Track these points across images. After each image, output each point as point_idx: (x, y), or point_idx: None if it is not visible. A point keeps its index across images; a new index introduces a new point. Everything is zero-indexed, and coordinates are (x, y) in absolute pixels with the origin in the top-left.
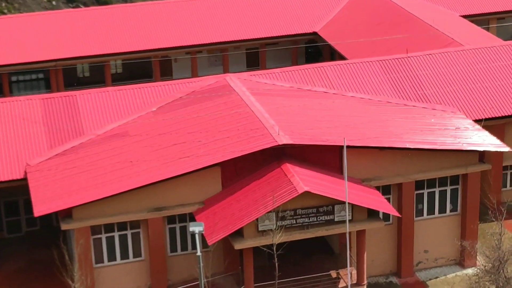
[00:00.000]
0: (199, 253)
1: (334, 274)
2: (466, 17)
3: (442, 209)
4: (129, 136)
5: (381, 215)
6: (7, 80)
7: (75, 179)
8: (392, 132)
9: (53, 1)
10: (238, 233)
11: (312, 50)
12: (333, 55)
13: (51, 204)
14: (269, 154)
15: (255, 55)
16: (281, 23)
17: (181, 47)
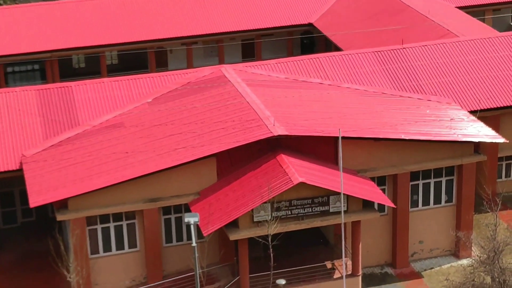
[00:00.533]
0: (194, 244)
1: (329, 264)
2: (462, 8)
3: (437, 200)
4: (124, 127)
5: (376, 206)
6: (3, 71)
7: (71, 170)
8: (387, 123)
9: None
10: (233, 224)
11: (307, 41)
12: (329, 46)
13: (46, 195)
14: (264, 145)
15: (250, 46)
16: (277, 14)
17: (177, 38)
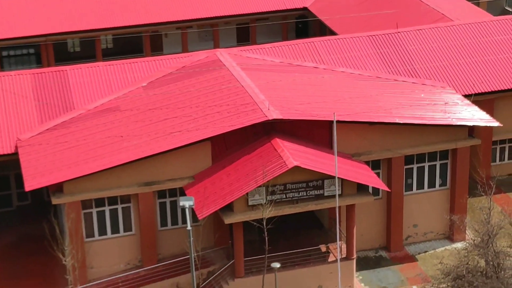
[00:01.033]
0: (189, 228)
1: (323, 248)
2: None
3: (432, 183)
4: (119, 111)
5: (370, 190)
6: None
7: (66, 154)
8: (382, 107)
9: None
10: (228, 208)
11: (302, 25)
12: (323, 30)
13: (42, 179)
14: (259, 129)
15: (245, 30)
16: None
17: (172, 22)
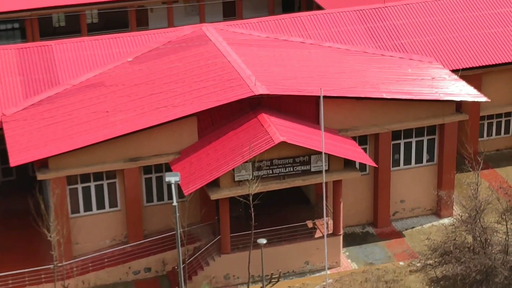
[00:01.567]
0: (175, 203)
1: (310, 224)
2: None
3: (419, 159)
4: (105, 86)
5: (357, 165)
6: None
7: (51, 129)
8: (369, 82)
9: None
10: (214, 183)
11: None
12: (310, 4)
13: (27, 154)
14: (245, 105)
15: (231, 4)
16: None
17: None
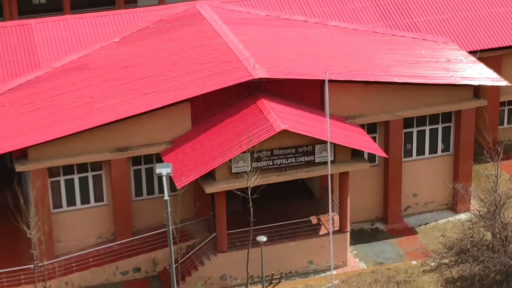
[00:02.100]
0: (166, 197)
1: (314, 220)
2: None
3: (433, 149)
4: (90, 69)
5: (366, 156)
6: None
7: (31, 117)
8: (379, 65)
9: None
10: (210, 176)
11: None
12: None
13: (4, 144)
14: (243, 89)
15: None
16: None
17: None
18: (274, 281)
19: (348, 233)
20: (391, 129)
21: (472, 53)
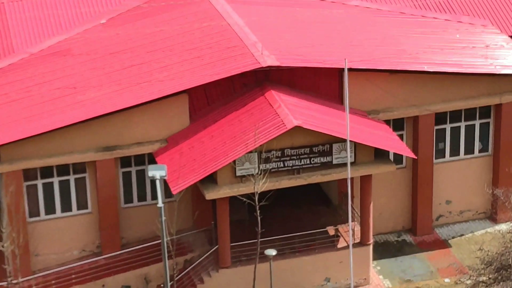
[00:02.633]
0: (160, 204)
1: (332, 231)
2: None
3: (469, 148)
4: (72, 56)
5: (391, 157)
6: None
7: (4, 111)
8: (406, 51)
9: None
10: (211, 179)
11: None
12: None
13: None
14: (250, 79)
15: None
16: None
17: None
18: None
19: (371, 246)
20: (420, 126)
21: None
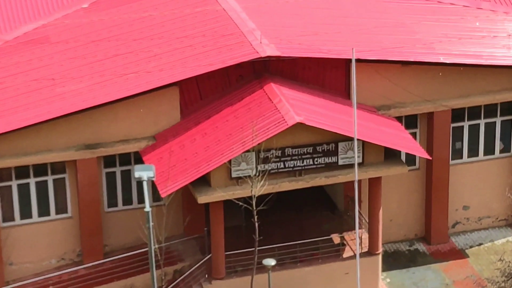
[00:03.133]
0: (148, 209)
1: (337, 239)
2: None
3: (489, 149)
4: (50, 44)
5: (403, 157)
6: None
7: None
8: (420, 41)
9: None
10: (203, 181)
11: None
12: None
13: None
14: (247, 71)
15: None
16: None
17: None
18: None
19: (380, 256)
20: (435, 123)
21: None
